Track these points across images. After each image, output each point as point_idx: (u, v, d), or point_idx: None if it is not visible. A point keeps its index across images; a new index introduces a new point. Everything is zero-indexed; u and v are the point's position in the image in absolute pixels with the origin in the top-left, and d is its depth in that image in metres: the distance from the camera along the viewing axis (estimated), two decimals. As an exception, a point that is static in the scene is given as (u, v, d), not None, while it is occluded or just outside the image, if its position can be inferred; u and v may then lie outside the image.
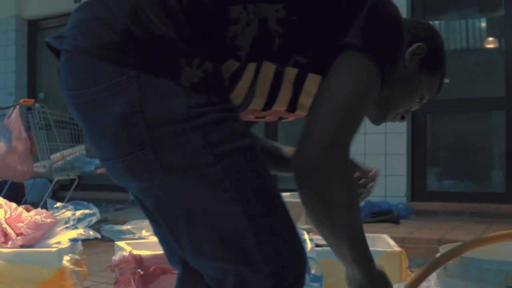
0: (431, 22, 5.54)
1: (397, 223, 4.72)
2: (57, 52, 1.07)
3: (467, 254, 1.38)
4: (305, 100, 1.15)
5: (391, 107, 1.33)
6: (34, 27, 7.94)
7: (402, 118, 1.38)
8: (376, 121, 1.38)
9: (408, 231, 4.22)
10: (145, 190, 1.02)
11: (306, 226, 4.12)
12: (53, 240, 2.38)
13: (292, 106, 1.16)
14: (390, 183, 5.36)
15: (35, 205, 4.15)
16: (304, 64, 1.09)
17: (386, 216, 4.81)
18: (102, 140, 1.02)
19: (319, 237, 2.61)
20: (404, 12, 5.42)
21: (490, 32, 5.75)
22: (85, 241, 2.50)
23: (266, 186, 1.02)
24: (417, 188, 5.48)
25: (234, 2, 1.03)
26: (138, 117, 0.96)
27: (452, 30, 5.85)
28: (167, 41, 0.98)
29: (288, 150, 1.44)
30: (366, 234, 2.79)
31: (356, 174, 1.45)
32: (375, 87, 1.09)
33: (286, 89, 1.12)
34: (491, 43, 5.78)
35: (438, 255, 1.44)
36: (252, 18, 1.04)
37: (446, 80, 4.85)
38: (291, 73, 1.10)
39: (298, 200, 3.52)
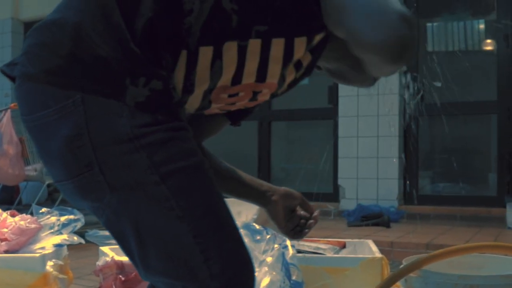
0: (423, 24, 5.57)
1: (388, 226, 4.74)
2: (13, 79, 1.09)
3: (432, 265, 1.40)
4: (274, 67, 1.16)
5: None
6: (30, 29, 7.95)
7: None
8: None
9: (397, 235, 4.24)
10: (96, 209, 1.04)
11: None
12: (37, 246, 2.41)
13: (262, 76, 1.16)
14: (382, 186, 5.38)
15: (29, 207, 4.19)
16: (265, 31, 1.10)
17: (376, 219, 4.83)
18: (53, 162, 1.04)
19: (300, 242, 2.63)
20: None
21: (482, 36, 5.77)
22: (75, 244, 2.52)
23: (212, 203, 1.03)
24: (409, 191, 5.50)
25: None
26: (85, 139, 0.98)
27: (444, 33, 5.87)
28: (111, 61, 0.99)
29: (248, 178, 1.45)
30: (350, 239, 2.81)
31: (303, 212, 1.49)
32: None
33: (252, 60, 1.12)
34: (483, 47, 5.80)
35: (401, 267, 1.46)
36: (203, 4, 1.04)
37: (438, 84, 4.82)
38: (255, 44, 1.10)
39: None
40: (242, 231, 2.52)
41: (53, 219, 2.48)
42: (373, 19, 0.99)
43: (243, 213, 3.85)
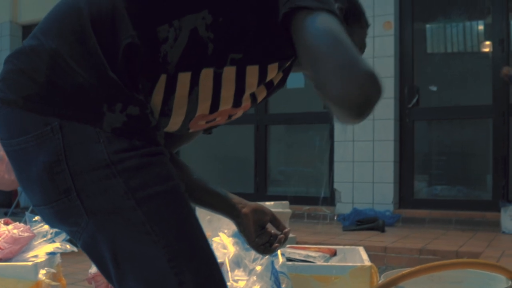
0: (418, 29, 5.59)
1: (382, 231, 4.76)
2: None
3: (412, 280, 1.42)
4: (249, 91, 1.19)
5: None
6: (28, 32, 7.93)
7: None
8: None
9: (391, 240, 4.26)
10: (74, 233, 1.07)
11: (291, 235, 4.17)
12: (30, 254, 2.43)
13: (238, 101, 1.19)
14: (378, 190, 5.41)
15: (27, 209, 4.21)
16: (240, 59, 1.13)
17: (371, 224, 4.85)
18: (32, 187, 1.07)
19: (290, 250, 2.65)
20: (392, 18, 5.47)
21: (477, 40, 5.78)
22: (68, 251, 2.54)
23: (187, 228, 1.06)
24: (404, 195, 5.52)
25: (160, 22, 1.06)
26: (63, 166, 1.01)
27: (439, 38, 5.89)
28: (88, 88, 1.01)
29: (219, 190, 1.47)
30: (342, 246, 2.83)
31: (273, 230, 1.50)
32: (342, 28, 1.09)
33: (228, 87, 1.15)
34: (478, 51, 5.82)
35: (379, 282, 1.48)
36: (178, 33, 1.07)
37: (434, 88, 4.87)
38: (230, 71, 1.13)
39: (281, 210, 3.58)
40: (232, 240, 2.55)
41: (46, 227, 2.50)
42: (341, 74, 0.99)
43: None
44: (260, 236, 1.48)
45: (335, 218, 5.48)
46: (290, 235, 4.28)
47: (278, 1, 1.11)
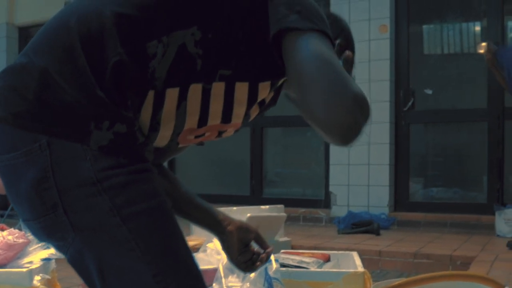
0: (414, 32, 5.60)
1: (378, 234, 4.77)
2: None
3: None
4: (239, 109, 1.20)
5: None
6: (25, 34, 7.98)
7: None
8: None
9: (386, 243, 4.28)
10: (61, 247, 1.09)
11: (285, 239, 4.19)
12: (25, 260, 2.44)
13: (227, 117, 1.20)
14: (373, 193, 5.42)
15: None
16: (229, 75, 1.14)
17: (366, 227, 4.87)
18: (21, 202, 1.08)
19: (284, 256, 2.66)
20: (387, 22, 5.48)
21: (473, 42, 5.80)
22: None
23: (171, 243, 1.08)
24: (399, 198, 5.54)
25: (149, 38, 1.07)
26: (50, 182, 1.03)
27: (435, 40, 5.91)
28: (76, 106, 1.03)
29: (206, 205, 1.48)
30: (336, 251, 2.84)
31: (257, 248, 1.51)
32: (332, 49, 1.11)
33: (216, 102, 1.16)
34: (474, 54, 5.83)
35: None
36: (166, 48, 1.08)
37: (429, 91, 4.86)
38: (219, 87, 1.14)
39: (276, 214, 3.60)
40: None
41: (41, 233, 2.51)
42: (329, 99, 0.99)
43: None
44: (243, 254, 1.49)
45: (332, 220, 5.49)
46: (285, 238, 4.30)
47: (269, 19, 1.12)
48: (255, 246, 1.53)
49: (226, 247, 1.49)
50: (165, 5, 1.10)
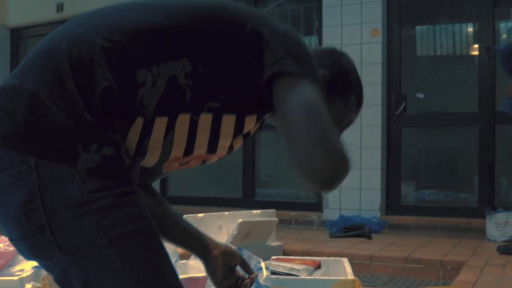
0: (405, 36, 5.62)
1: (369, 238, 4.79)
2: None
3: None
4: (224, 141, 1.22)
5: None
6: (17, 35, 7.96)
7: None
8: None
9: (377, 247, 4.30)
10: (48, 267, 1.11)
11: (277, 243, 4.20)
12: (16, 268, 2.44)
13: (213, 148, 1.22)
14: (365, 197, 5.44)
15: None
16: (217, 108, 1.16)
17: (358, 231, 4.88)
18: (8, 222, 1.10)
19: (275, 263, 2.68)
20: (379, 26, 5.50)
21: (466, 47, 5.83)
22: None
23: (157, 265, 1.10)
24: (391, 202, 5.55)
25: (139, 66, 1.09)
26: (37, 204, 1.04)
27: (427, 44, 5.94)
28: (65, 129, 1.04)
29: (193, 228, 1.49)
30: (326, 258, 2.85)
31: (241, 274, 1.53)
32: (322, 98, 1.14)
33: (203, 133, 1.18)
34: (465, 59, 5.87)
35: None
36: (157, 78, 1.10)
37: (421, 95, 4.90)
38: (206, 118, 1.16)
39: (267, 219, 3.60)
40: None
41: (32, 240, 2.51)
42: (311, 151, 1.05)
43: (224, 227, 3.91)
44: (227, 278, 1.50)
45: (323, 224, 5.51)
46: (277, 243, 4.31)
47: (264, 59, 1.14)
48: (240, 271, 1.54)
49: (210, 271, 1.50)
50: (157, 35, 1.12)
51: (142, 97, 1.09)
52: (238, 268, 1.53)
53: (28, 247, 1.09)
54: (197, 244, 1.48)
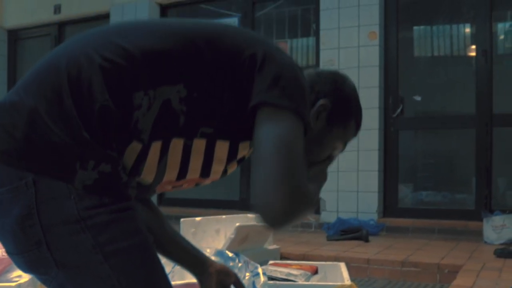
0: (403, 39, 5.63)
1: (366, 241, 4.79)
2: None
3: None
4: (218, 166, 1.23)
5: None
6: (14, 36, 7.96)
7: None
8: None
9: (374, 250, 4.30)
10: (45, 280, 1.12)
11: (274, 246, 4.20)
12: (13, 274, 2.43)
13: (206, 172, 1.23)
14: (362, 199, 5.45)
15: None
16: (210, 133, 1.17)
17: (355, 234, 4.89)
18: (5, 236, 1.10)
19: (272, 268, 2.68)
20: (377, 29, 5.51)
21: (463, 50, 5.85)
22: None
23: (153, 280, 1.11)
24: (388, 204, 5.56)
25: (136, 88, 1.10)
26: (35, 219, 1.05)
27: (424, 47, 5.95)
28: (63, 146, 1.05)
29: (189, 245, 1.51)
30: (323, 262, 2.85)
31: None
32: (300, 135, 1.14)
33: (196, 158, 1.19)
34: (462, 62, 5.88)
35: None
36: (152, 102, 1.10)
37: (418, 98, 4.90)
38: (200, 144, 1.17)
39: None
40: (215, 258, 2.57)
41: (30, 246, 2.51)
42: (267, 186, 1.06)
43: (221, 231, 3.91)
44: None
45: (321, 226, 5.51)
46: (274, 246, 4.31)
47: (253, 87, 1.15)
48: None
49: None
50: (154, 58, 1.13)
51: (137, 119, 1.10)
52: (232, 287, 1.55)
53: (24, 261, 1.10)
54: (192, 261, 1.49)
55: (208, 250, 2.64)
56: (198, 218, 3.79)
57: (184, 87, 1.12)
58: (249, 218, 4.03)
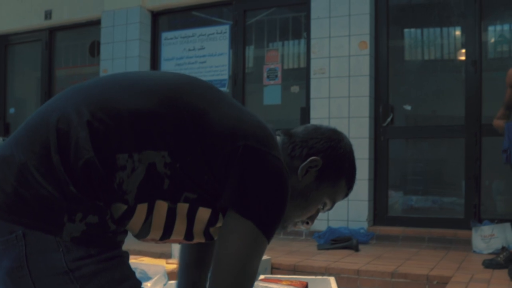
0: (393, 48, 5.66)
1: (357, 250, 4.82)
2: None
3: None
4: (199, 227, 1.26)
5: (288, 219, 1.39)
6: (4, 42, 7.93)
7: (307, 224, 1.44)
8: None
9: (364, 261, 4.33)
10: None
11: (265, 257, 4.21)
12: None
13: (189, 236, 1.27)
14: (352, 208, 5.47)
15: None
16: (194, 199, 1.20)
17: (346, 243, 4.91)
18: None
19: (263, 284, 2.69)
20: (367, 38, 5.54)
21: (453, 58, 5.89)
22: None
23: None
24: (378, 212, 5.60)
25: (120, 150, 1.13)
26: (25, 271, 1.09)
27: (415, 57, 5.99)
28: (51, 200, 1.09)
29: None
30: (313, 277, 2.86)
31: None
32: (262, 244, 1.20)
33: (180, 222, 1.23)
34: (452, 72, 5.92)
35: None
36: (137, 165, 1.14)
37: (408, 107, 4.91)
38: (183, 208, 1.21)
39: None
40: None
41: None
42: (224, 276, 1.16)
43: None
44: None
45: (312, 234, 5.53)
46: (265, 257, 4.31)
47: (228, 182, 1.18)
48: None
49: None
50: (141, 121, 1.16)
51: (121, 180, 1.13)
52: None
53: None
54: None
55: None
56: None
57: (168, 155, 1.16)
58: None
